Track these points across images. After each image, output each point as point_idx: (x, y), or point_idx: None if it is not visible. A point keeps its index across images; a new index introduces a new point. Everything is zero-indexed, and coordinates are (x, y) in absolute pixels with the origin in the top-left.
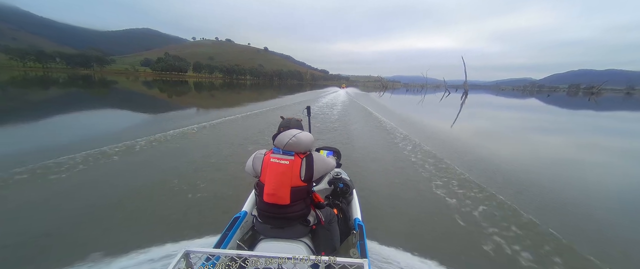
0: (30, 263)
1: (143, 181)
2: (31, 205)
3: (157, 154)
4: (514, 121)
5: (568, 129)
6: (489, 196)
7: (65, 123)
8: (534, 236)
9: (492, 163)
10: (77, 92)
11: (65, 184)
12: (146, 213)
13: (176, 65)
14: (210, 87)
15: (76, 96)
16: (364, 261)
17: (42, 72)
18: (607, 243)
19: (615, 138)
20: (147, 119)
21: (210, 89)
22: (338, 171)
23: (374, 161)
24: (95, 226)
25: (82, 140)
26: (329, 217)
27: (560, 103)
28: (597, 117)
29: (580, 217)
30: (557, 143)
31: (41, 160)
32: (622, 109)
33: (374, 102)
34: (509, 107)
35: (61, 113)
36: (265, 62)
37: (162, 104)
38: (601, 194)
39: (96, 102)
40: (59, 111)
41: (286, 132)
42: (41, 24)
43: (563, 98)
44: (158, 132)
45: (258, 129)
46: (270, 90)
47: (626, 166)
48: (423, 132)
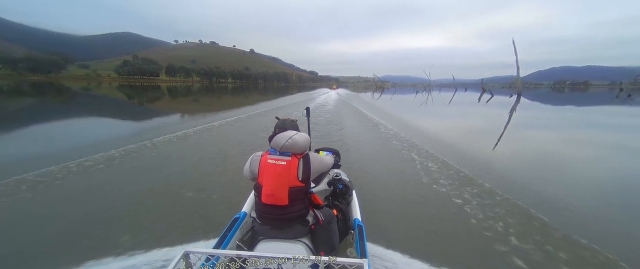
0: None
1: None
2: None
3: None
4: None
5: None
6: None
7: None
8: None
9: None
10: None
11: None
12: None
13: (146, 68)
14: (174, 93)
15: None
16: (363, 261)
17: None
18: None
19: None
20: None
21: (174, 95)
22: (337, 172)
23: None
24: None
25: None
26: (328, 217)
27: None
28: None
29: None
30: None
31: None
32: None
33: (376, 109)
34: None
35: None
36: (252, 64)
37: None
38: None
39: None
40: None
41: (283, 134)
42: (16, 30)
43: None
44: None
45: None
46: (252, 94)
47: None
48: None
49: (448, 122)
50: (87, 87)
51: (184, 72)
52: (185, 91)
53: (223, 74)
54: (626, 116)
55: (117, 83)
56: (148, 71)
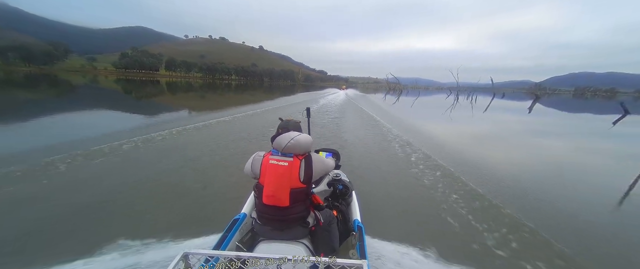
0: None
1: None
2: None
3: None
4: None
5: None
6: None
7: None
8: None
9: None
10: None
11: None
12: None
13: (145, 62)
14: (171, 90)
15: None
16: (363, 262)
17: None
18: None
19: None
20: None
21: (166, 93)
22: (337, 173)
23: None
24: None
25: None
26: (328, 218)
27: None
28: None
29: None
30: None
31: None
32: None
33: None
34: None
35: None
36: (261, 61)
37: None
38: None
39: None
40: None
41: (285, 134)
42: (30, 21)
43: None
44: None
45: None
46: (256, 92)
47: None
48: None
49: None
50: (72, 81)
51: (184, 67)
52: (183, 87)
53: (227, 70)
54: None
55: (114, 77)
56: (147, 65)
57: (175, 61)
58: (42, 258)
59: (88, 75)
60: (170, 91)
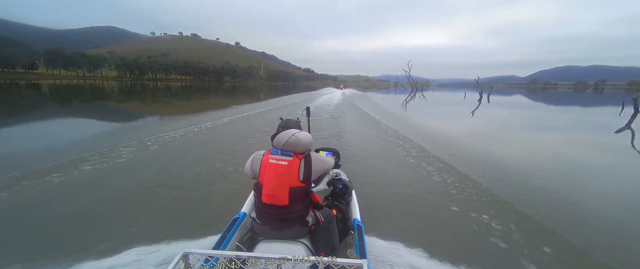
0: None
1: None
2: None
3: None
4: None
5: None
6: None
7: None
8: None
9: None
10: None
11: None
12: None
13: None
14: None
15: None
16: (363, 262)
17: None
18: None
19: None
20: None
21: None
22: (337, 172)
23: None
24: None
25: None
26: (327, 217)
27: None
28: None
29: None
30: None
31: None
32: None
33: None
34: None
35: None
36: (236, 59)
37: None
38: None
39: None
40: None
41: (286, 131)
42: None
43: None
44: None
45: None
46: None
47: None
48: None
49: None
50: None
51: (62, 62)
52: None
53: (156, 67)
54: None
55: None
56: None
57: (63, 56)
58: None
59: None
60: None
